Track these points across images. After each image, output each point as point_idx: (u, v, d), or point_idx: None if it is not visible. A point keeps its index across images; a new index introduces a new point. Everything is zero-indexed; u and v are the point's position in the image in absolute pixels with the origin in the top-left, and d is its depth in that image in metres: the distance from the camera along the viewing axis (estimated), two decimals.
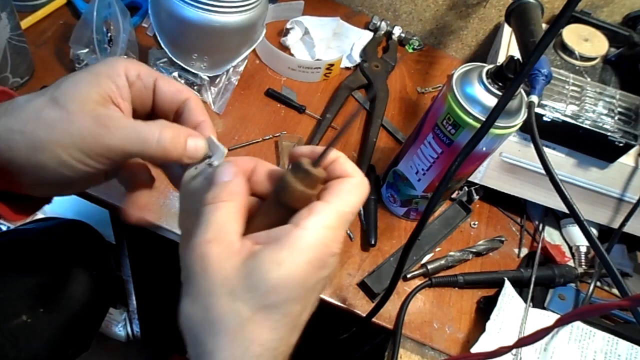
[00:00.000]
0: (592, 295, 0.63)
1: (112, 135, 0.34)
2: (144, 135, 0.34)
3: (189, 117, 0.38)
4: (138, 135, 0.34)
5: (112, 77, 0.35)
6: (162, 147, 0.35)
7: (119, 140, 0.34)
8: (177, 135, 0.35)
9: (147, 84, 0.37)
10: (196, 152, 0.36)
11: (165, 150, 0.35)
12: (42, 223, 0.71)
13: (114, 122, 0.34)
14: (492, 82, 0.48)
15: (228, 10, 0.60)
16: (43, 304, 0.59)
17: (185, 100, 0.38)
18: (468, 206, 0.69)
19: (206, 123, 0.38)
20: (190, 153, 0.36)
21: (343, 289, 0.59)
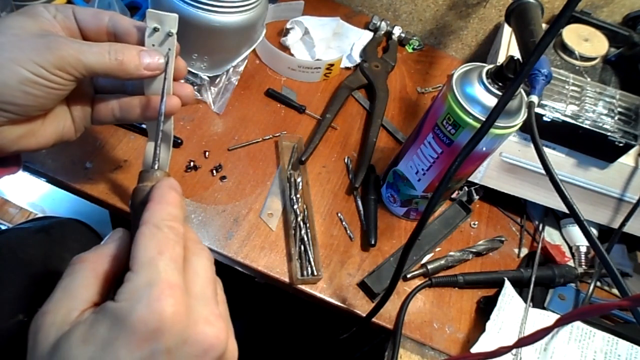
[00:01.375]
0: (592, 295, 0.63)
1: (65, 46, 0.35)
2: (96, 49, 0.37)
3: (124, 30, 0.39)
4: (90, 47, 0.36)
5: (39, 14, 0.37)
6: (119, 61, 0.37)
7: (73, 50, 0.36)
8: (127, 48, 0.38)
9: (66, 14, 0.39)
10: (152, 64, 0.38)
11: (122, 63, 0.37)
12: (39, 222, 0.71)
13: (64, 39, 0.36)
14: (492, 82, 0.48)
15: (228, 10, 0.60)
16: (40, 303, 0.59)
17: (110, 19, 0.39)
18: (468, 206, 0.69)
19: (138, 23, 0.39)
20: (149, 66, 0.38)
21: (343, 289, 0.59)
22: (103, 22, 0.40)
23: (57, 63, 0.35)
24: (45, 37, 0.36)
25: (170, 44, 0.39)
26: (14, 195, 1.04)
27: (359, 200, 0.67)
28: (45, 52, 0.35)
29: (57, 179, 0.58)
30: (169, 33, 0.39)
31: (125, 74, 0.38)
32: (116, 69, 0.37)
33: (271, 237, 0.60)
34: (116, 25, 0.40)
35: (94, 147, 0.61)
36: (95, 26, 0.40)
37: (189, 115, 0.68)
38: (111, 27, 0.40)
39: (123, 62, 0.37)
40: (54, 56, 0.35)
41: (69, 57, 0.35)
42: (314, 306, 0.59)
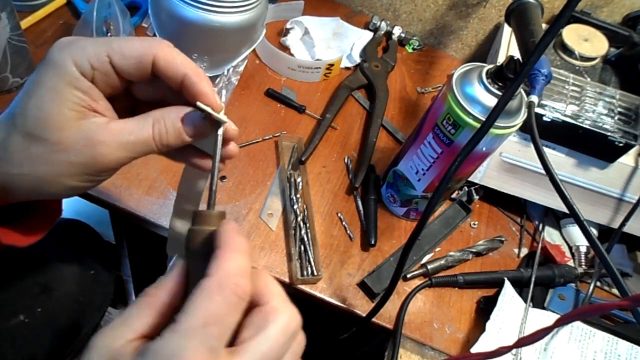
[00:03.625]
0: (592, 295, 0.63)
1: (111, 148, 0.32)
2: (143, 140, 0.33)
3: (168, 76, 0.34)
4: (134, 137, 0.33)
5: (72, 84, 0.31)
6: (163, 142, 0.34)
7: (118, 149, 0.32)
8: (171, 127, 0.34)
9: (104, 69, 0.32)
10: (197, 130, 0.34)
11: (167, 142, 0.34)
12: None
13: (106, 133, 0.32)
14: (492, 82, 0.48)
15: (228, 10, 0.60)
16: (41, 303, 0.59)
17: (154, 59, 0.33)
18: (468, 206, 0.69)
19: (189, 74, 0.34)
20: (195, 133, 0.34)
21: (343, 289, 0.59)
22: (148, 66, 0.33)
23: (106, 167, 0.33)
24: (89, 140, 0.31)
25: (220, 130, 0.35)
26: None
27: (359, 200, 0.67)
28: (93, 163, 0.32)
29: None
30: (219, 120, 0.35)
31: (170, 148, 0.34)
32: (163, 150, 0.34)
33: (271, 237, 0.60)
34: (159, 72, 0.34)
35: None
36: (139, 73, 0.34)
37: None
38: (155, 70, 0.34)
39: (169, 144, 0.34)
40: (101, 165, 0.32)
41: (118, 159, 0.33)
42: (314, 306, 0.59)
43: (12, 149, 0.31)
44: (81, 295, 0.65)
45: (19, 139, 0.31)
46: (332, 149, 0.71)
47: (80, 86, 0.32)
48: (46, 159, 0.31)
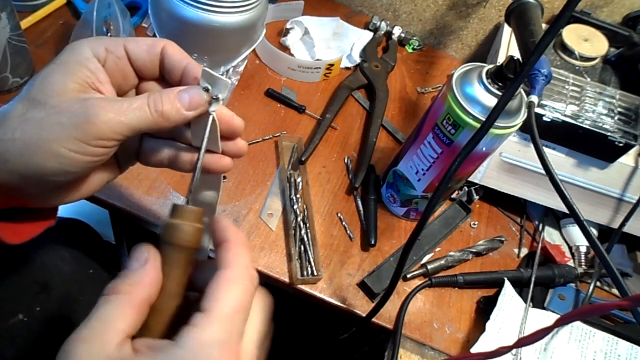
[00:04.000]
0: (592, 295, 0.63)
1: (106, 113, 0.32)
2: (136, 104, 0.33)
3: (172, 65, 0.36)
4: (130, 105, 0.33)
5: (82, 62, 0.33)
6: (159, 112, 0.34)
7: (113, 114, 0.32)
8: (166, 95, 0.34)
9: (118, 54, 0.35)
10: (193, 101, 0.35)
11: (163, 113, 0.34)
12: None
13: (103, 102, 0.33)
14: (492, 82, 0.48)
15: (228, 10, 0.60)
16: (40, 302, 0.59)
17: (163, 50, 0.36)
18: (468, 206, 0.69)
19: (192, 64, 0.36)
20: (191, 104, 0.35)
21: (343, 289, 0.59)
22: (157, 55, 0.36)
23: (98, 134, 0.32)
24: (85, 104, 0.32)
25: (214, 107, 0.36)
26: None
27: (359, 200, 0.67)
28: (85, 125, 0.32)
29: None
30: (215, 97, 0.35)
31: (169, 122, 0.34)
32: (159, 122, 0.34)
33: (271, 237, 0.60)
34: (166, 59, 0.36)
35: None
36: (150, 62, 0.36)
37: None
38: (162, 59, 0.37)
39: (164, 112, 0.34)
40: (95, 127, 0.32)
41: (110, 122, 0.32)
42: (314, 306, 0.59)
43: (11, 115, 0.32)
44: (80, 295, 0.65)
45: (20, 105, 0.32)
46: (332, 149, 0.71)
47: (89, 65, 0.33)
48: (39, 122, 0.31)
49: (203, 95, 0.35)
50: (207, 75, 0.35)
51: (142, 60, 0.36)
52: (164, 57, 0.36)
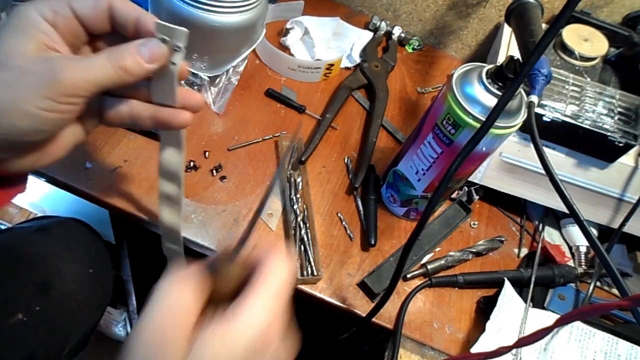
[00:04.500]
0: (592, 295, 0.63)
1: (71, 70, 0.33)
2: (99, 63, 0.35)
3: (124, 19, 0.37)
4: (93, 62, 0.34)
5: (34, 25, 0.34)
6: (122, 68, 0.35)
7: (78, 71, 0.34)
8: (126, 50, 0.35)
9: (65, 13, 0.36)
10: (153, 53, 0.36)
11: (126, 68, 0.35)
12: (39, 221, 0.71)
13: (67, 61, 0.34)
14: (492, 82, 0.48)
15: (228, 10, 0.60)
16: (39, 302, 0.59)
17: (110, 6, 0.37)
18: (468, 206, 0.69)
19: (143, 15, 0.37)
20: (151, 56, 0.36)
21: (343, 289, 0.59)
22: (104, 10, 0.37)
23: (66, 90, 0.33)
24: (48, 62, 0.33)
25: (177, 57, 0.37)
26: None
27: (359, 200, 0.67)
28: (53, 83, 0.33)
29: (57, 179, 0.58)
30: (175, 47, 0.36)
31: (133, 77, 0.36)
32: (123, 77, 0.35)
33: (271, 237, 0.60)
34: (115, 14, 0.37)
35: (94, 147, 0.61)
36: (97, 18, 0.37)
37: None
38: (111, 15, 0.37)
39: (126, 67, 0.35)
40: (62, 84, 0.33)
41: (76, 79, 0.34)
42: (314, 306, 0.59)
43: None
44: (80, 294, 0.65)
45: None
46: (332, 149, 0.71)
47: (41, 27, 0.34)
48: (4, 84, 0.32)
49: (162, 47, 0.36)
50: (161, 28, 0.36)
51: (90, 17, 0.37)
52: (113, 11, 0.37)
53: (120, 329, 1.20)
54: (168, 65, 0.37)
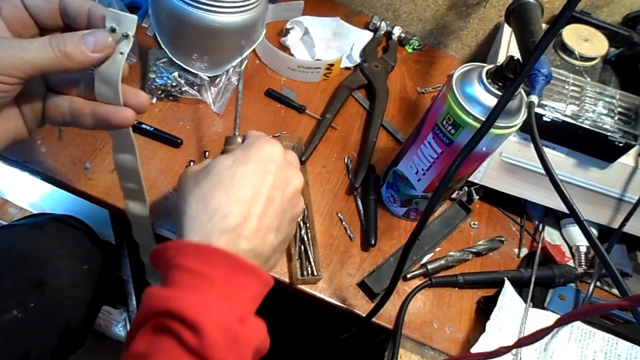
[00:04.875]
0: (592, 295, 0.63)
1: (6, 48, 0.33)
2: (37, 44, 0.34)
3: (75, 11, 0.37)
4: (30, 44, 0.34)
5: None
6: (62, 52, 0.35)
7: (13, 50, 0.34)
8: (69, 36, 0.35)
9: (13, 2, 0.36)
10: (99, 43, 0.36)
11: (67, 54, 0.35)
12: (33, 219, 0.71)
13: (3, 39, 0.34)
14: (492, 82, 0.48)
15: (228, 10, 0.60)
16: (34, 299, 0.59)
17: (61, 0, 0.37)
18: (468, 206, 0.69)
19: (95, 5, 0.37)
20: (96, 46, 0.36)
21: (343, 289, 0.59)
22: (55, 3, 0.37)
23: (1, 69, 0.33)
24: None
25: (124, 46, 0.37)
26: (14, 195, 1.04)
27: (359, 200, 0.67)
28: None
29: (57, 179, 0.58)
30: (124, 34, 0.36)
31: (74, 64, 0.35)
32: (63, 62, 0.35)
33: None
34: (67, 7, 0.37)
35: (94, 147, 0.61)
36: (48, 10, 0.37)
37: (189, 116, 0.68)
38: (63, 7, 0.37)
39: (67, 52, 0.35)
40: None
41: (9, 58, 0.33)
42: (314, 306, 0.59)
43: None
44: (74, 290, 0.64)
45: None
46: (332, 149, 0.71)
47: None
48: None
49: (108, 38, 0.36)
50: (113, 15, 0.36)
51: (39, 8, 0.37)
52: (65, 4, 0.37)
53: (120, 329, 1.20)
54: (115, 55, 0.37)
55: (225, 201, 0.38)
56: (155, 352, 0.33)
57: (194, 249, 0.36)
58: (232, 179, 0.39)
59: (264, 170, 0.40)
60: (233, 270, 0.36)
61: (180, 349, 0.32)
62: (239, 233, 0.38)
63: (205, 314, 0.33)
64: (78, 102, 0.40)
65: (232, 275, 0.36)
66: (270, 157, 0.41)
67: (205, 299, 0.34)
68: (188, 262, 0.35)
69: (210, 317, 0.33)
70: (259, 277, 0.37)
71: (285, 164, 0.42)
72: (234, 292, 0.36)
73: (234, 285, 0.36)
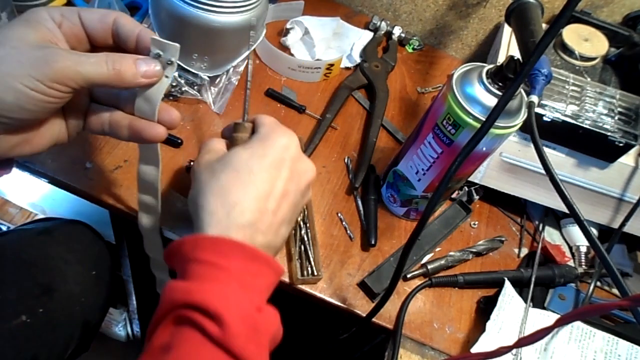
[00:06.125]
0: (592, 295, 0.63)
1: (63, 58, 0.36)
2: (94, 59, 0.37)
3: (126, 34, 0.40)
4: (88, 59, 0.37)
5: (41, 21, 0.37)
6: (116, 70, 0.38)
7: (71, 62, 0.36)
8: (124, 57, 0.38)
9: (72, 19, 0.39)
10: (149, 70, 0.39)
11: (120, 73, 0.38)
12: (42, 223, 0.71)
13: (64, 51, 0.37)
14: (492, 82, 0.48)
15: (228, 10, 0.60)
16: (42, 304, 0.59)
17: (115, 21, 0.40)
18: (468, 206, 0.69)
19: (144, 31, 0.40)
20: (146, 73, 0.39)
21: (343, 289, 0.59)
22: (109, 24, 0.40)
23: (54, 76, 0.35)
24: (44, 50, 0.36)
25: (169, 71, 0.40)
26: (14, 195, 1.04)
27: (359, 200, 0.67)
28: (43, 66, 0.35)
29: (57, 179, 0.58)
30: (169, 61, 0.40)
31: (123, 83, 0.38)
32: (114, 79, 0.38)
33: None
34: (119, 29, 0.40)
35: (94, 147, 0.61)
36: (102, 30, 0.40)
37: (189, 115, 0.68)
38: (115, 29, 0.40)
39: (120, 71, 0.38)
40: (51, 69, 0.35)
41: (66, 69, 0.36)
42: (314, 306, 0.59)
43: None
44: (83, 296, 0.65)
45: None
46: (332, 149, 0.71)
47: (48, 25, 0.38)
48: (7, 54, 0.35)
49: (158, 67, 0.39)
50: (156, 42, 0.39)
51: (95, 27, 0.40)
52: (117, 26, 0.40)
53: (120, 329, 1.20)
54: (161, 78, 0.40)
55: (243, 196, 0.39)
56: (178, 343, 0.34)
57: (211, 242, 0.37)
58: (249, 174, 0.40)
59: (280, 164, 0.41)
60: (249, 261, 0.37)
61: (203, 339, 0.33)
62: (256, 228, 0.39)
63: (226, 305, 0.34)
64: (118, 115, 0.43)
65: (249, 266, 0.37)
66: (287, 149, 0.42)
67: (225, 289, 0.35)
68: (206, 255, 0.37)
69: (231, 308, 0.34)
70: (272, 267, 0.39)
71: (300, 156, 0.43)
72: (250, 283, 0.37)
73: (250, 275, 0.37)
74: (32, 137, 0.40)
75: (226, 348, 0.33)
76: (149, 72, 0.39)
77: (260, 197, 0.40)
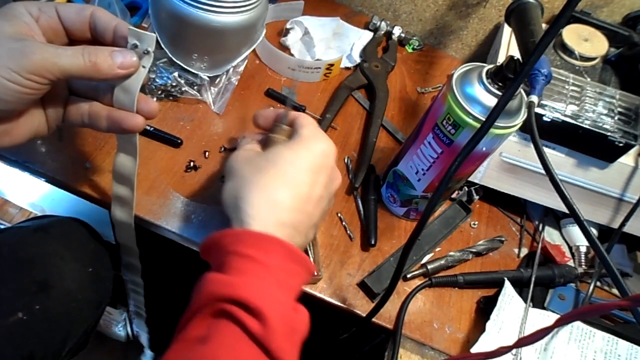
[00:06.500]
0: (592, 295, 0.63)
1: (40, 50, 0.36)
2: (70, 52, 0.38)
3: (103, 27, 0.41)
4: (65, 51, 0.37)
5: (17, 15, 0.38)
6: (92, 62, 0.38)
7: (48, 54, 0.37)
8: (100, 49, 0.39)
9: (49, 13, 0.39)
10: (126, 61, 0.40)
11: (96, 64, 0.38)
12: (38, 221, 0.71)
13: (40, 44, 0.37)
14: (492, 82, 0.48)
15: (228, 10, 0.60)
16: (39, 301, 0.59)
17: (92, 14, 0.41)
18: (468, 206, 0.69)
19: (120, 23, 0.41)
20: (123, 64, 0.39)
21: (343, 289, 0.59)
22: (87, 18, 0.41)
23: (31, 68, 0.36)
24: (21, 42, 0.36)
25: (146, 61, 0.41)
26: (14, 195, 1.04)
27: (359, 200, 0.67)
28: (19, 58, 0.35)
29: (57, 179, 0.58)
30: (145, 51, 0.40)
31: (100, 74, 0.39)
32: (91, 71, 0.38)
33: None
34: (96, 22, 0.41)
35: (94, 147, 0.61)
36: (79, 23, 0.41)
37: (189, 116, 0.68)
38: (92, 23, 0.41)
39: (97, 63, 0.38)
40: (28, 61, 0.36)
41: (43, 61, 0.36)
42: (314, 306, 0.59)
43: None
44: (79, 293, 0.65)
45: None
46: None
47: (24, 18, 0.38)
48: None
49: (134, 58, 0.40)
50: (134, 33, 0.39)
51: (72, 21, 0.40)
52: (94, 19, 0.41)
53: (120, 329, 1.20)
54: (139, 68, 0.41)
55: (286, 196, 0.40)
56: (215, 335, 0.34)
57: (252, 237, 0.38)
58: (293, 175, 0.41)
59: (320, 169, 0.43)
60: (288, 260, 0.38)
61: (242, 334, 0.34)
62: (296, 228, 0.40)
63: (268, 302, 0.35)
64: (96, 106, 0.44)
65: (287, 265, 0.38)
66: (327, 156, 0.44)
67: (266, 286, 0.36)
68: (248, 250, 0.37)
69: (272, 305, 0.35)
70: (306, 267, 0.40)
71: (334, 165, 0.45)
72: (286, 281, 0.37)
73: (287, 274, 0.38)
74: (11, 128, 0.41)
75: (264, 345, 0.33)
76: (125, 63, 0.39)
77: (301, 198, 0.41)
